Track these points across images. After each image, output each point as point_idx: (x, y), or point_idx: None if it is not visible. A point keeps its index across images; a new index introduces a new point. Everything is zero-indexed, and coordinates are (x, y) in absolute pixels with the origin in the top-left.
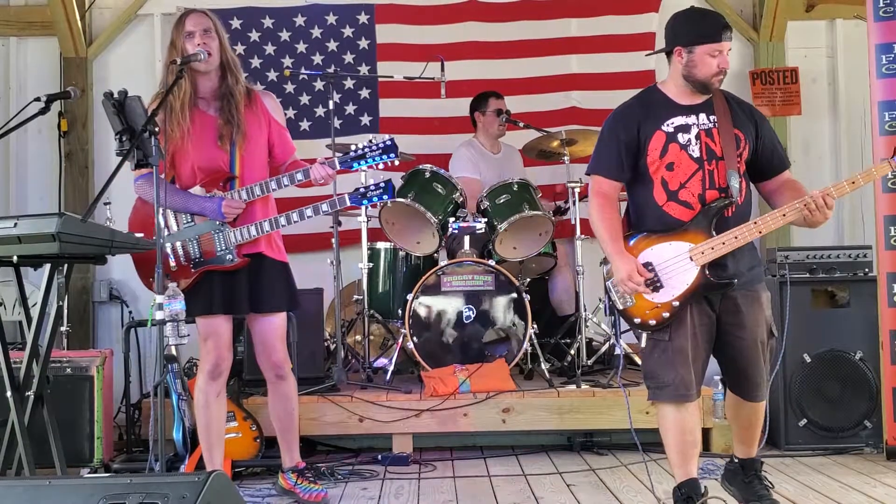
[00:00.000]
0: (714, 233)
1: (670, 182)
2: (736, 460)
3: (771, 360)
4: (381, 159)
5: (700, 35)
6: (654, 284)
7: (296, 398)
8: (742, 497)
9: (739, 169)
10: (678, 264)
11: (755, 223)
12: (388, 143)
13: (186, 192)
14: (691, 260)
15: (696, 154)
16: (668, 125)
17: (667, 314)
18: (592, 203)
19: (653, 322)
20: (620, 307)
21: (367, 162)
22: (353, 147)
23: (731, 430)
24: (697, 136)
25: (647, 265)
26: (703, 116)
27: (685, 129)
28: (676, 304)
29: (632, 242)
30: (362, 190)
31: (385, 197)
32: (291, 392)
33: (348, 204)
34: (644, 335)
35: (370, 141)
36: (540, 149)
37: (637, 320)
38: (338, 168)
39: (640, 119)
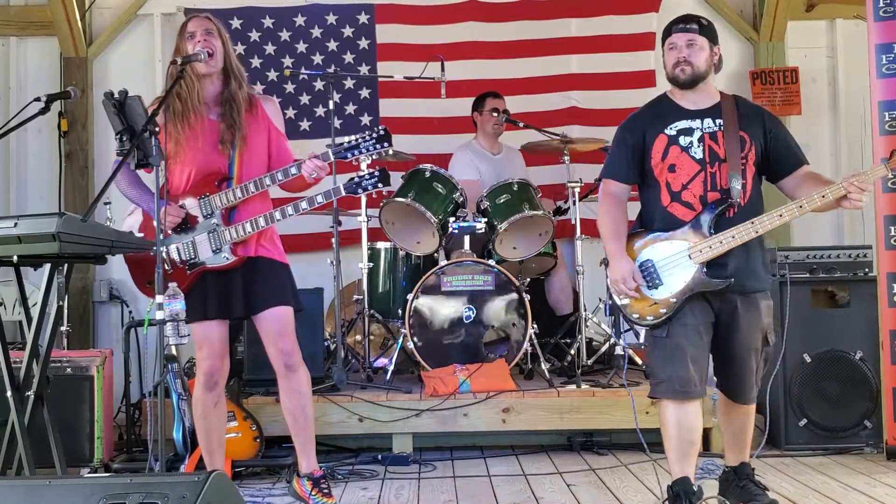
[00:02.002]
0: (713, 232)
1: (673, 183)
2: (728, 468)
3: (766, 366)
4: (376, 148)
5: (663, 37)
6: (654, 282)
7: (309, 394)
8: (739, 502)
9: (744, 171)
10: (677, 262)
11: (752, 223)
12: (382, 132)
13: (144, 188)
14: (690, 258)
15: (699, 156)
16: (671, 129)
17: (664, 310)
18: (601, 204)
19: (650, 318)
20: (620, 303)
21: (360, 151)
22: (346, 139)
23: (723, 436)
24: (700, 139)
25: (647, 262)
26: (708, 121)
27: (688, 132)
28: (674, 300)
29: (634, 240)
30: (357, 179)
31: (380, 185)
32: (304, 387)
33: (343, 194)
34: (644, 332)
35: (364, 132)
36: (540, 149)
37: (635, 316)
38: (331, 160)
39: (646, 124)
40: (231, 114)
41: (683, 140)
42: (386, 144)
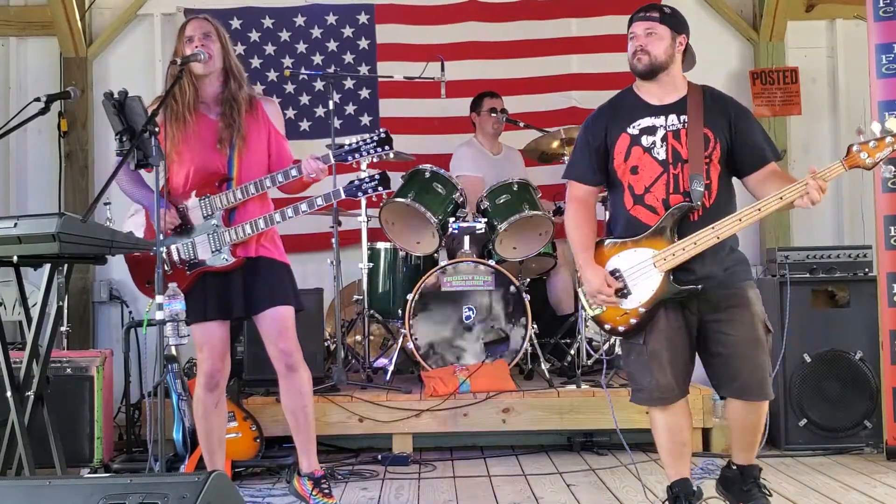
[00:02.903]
0: (676, 238)
1: (636, 186)
2: (734, 467)
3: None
4: (377, 151)
5: (627, 27)
6: (622, 291)
7: (310, 395)
8: (738, 502)
9: (708, 171)
10: (643, 270)
11: (713, 228)
12: (383, 135)
13: (146, 187)
14: (655, 266)
15: (662, 157)
16: (633, 127)
17: (635, 320)
18: (567, 209)
19: (622, 328)
20: (592, 314)
21: (360, 155)
22: (348, 140)
23: (732, 435)
24: (664, 139)
25: (614, 272)
26: (672, 117)
27: (651, 131)
28: (643, 310)
29: (602, 247)
30: (357, 182)
31: (380, 189)
32: (305, 387)
33: (343, 196)
34: (619, 340)
35: (366, 135)
36: (540, 149)
37: (608, 326)
38: (332, 162)
39: (609, 122)
40: (231, 114)
41: (646, 140)
42: (387, 148)
